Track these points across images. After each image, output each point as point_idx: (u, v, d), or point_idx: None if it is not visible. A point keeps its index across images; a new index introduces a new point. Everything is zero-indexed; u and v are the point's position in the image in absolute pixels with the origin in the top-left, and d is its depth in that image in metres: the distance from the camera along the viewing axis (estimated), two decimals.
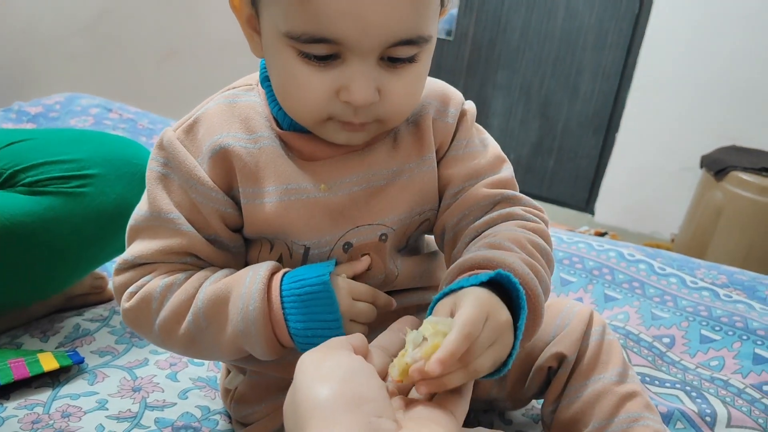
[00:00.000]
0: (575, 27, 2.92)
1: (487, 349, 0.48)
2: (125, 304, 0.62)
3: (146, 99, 2.29)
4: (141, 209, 0.62)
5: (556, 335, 0.72)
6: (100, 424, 0.73)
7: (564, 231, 1.43)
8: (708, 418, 0.85)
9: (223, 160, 0.61)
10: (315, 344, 0.48)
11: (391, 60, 0.55)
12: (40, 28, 1.88)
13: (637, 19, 2.78)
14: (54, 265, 0.87)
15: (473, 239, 0.63)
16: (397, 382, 0.47)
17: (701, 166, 2.49)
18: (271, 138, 0.62)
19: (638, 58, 2.73)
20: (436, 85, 0.69)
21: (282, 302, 0.57)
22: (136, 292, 0.61)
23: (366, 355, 0.49)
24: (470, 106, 0.71)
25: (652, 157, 2.76)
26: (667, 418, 0.84)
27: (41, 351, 0.83)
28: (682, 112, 2.67)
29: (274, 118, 0.63)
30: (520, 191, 0.69)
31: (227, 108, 0.63)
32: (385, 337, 0.53)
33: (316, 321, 0.57)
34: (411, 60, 0.56)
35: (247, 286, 0.57)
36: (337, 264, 0.63)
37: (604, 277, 1.22)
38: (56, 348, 0.88)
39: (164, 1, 2.31)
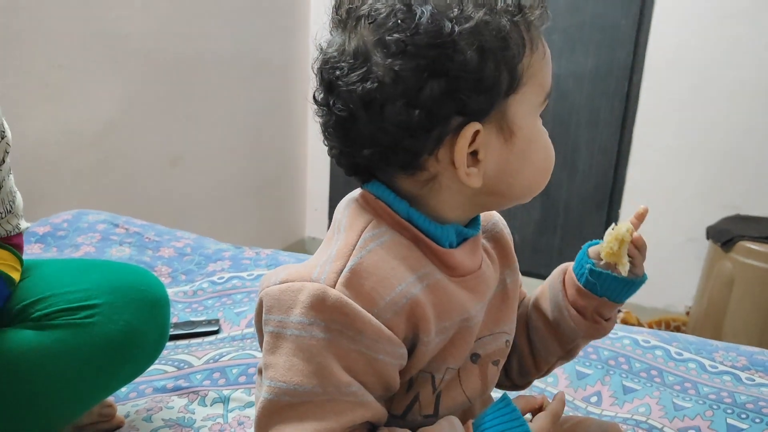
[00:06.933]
0: (567, 106, 2.99)
1: None
2: None
3: (153, 208, 2.34)
4: (297, 381, 0.53)
5: None
6: None
7: None
8: None
9: (410, 311, 0.56)
10: None
11: None
12: (47, 147, 1.94)
13: (627, 96, 2.85)
14: (63, 397, 0.86)
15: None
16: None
17: (707, 237, 2.49)
18: (431, 269, 0.60)
19: (633, 134, 2.78)
20: None
21: None
22: None
23: None
24: None
25: (657, 229, 2.75)
26: None
27: None
28: (682, 183, 2.69)
29: (435, 240, 0.60)
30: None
31: (384, 252, 0.57)
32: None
33: None
34: None
35: None
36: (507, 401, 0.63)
37: (621, 367, 1.20)
38: None
39: (168, 111, 2.38)
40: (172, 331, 1.26)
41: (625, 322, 2.53)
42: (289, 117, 3.10)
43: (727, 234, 2.34)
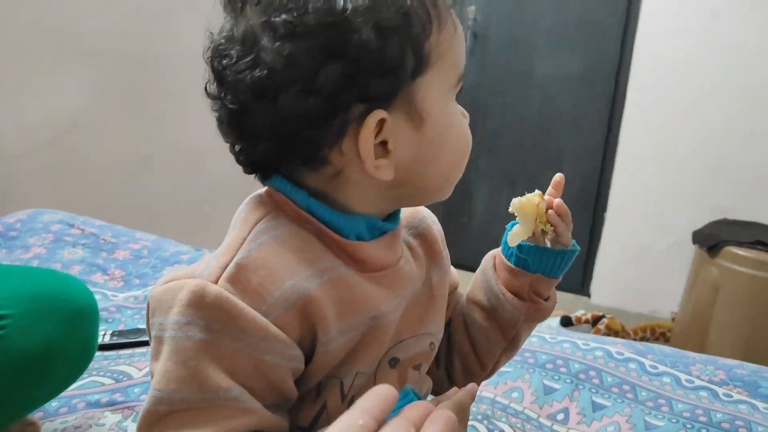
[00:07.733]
0: (552, 108, 2.93)
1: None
2: None
3: (121, 210, 2.25)
4: (173, 388, 0.48)
5: None
6: None
7: (547, 331, 1.34)
8: None
9: (303, 308, 0.51)
10: None
11: None
12: (2, 144, 1.86)
13: (614, 98, 2.79)
14: None
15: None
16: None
17: (694, 242, 2.43)
18: (334, 263, 0.54)
19: (619, 137, 2.72)
20: None
21: None
22: None
23: None
24: None
25: (643, 234, 2.70)
26: None
27: None
28: (668, 187, 2.63)
29: (340, 232, 0.54)
30: None
31: (277, 245, 0.52)
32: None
33: None
34: None
35: None
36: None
37: (592, 381, 1.13)
38: None
39: (135, 109, 2.30)
40: (116, 340, 1.18)
41: (609, 327, 2.47)
42: None
43: (713, 239, 2.28)
